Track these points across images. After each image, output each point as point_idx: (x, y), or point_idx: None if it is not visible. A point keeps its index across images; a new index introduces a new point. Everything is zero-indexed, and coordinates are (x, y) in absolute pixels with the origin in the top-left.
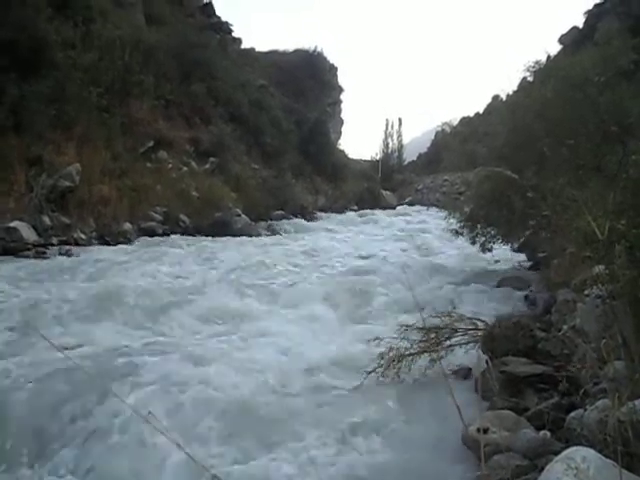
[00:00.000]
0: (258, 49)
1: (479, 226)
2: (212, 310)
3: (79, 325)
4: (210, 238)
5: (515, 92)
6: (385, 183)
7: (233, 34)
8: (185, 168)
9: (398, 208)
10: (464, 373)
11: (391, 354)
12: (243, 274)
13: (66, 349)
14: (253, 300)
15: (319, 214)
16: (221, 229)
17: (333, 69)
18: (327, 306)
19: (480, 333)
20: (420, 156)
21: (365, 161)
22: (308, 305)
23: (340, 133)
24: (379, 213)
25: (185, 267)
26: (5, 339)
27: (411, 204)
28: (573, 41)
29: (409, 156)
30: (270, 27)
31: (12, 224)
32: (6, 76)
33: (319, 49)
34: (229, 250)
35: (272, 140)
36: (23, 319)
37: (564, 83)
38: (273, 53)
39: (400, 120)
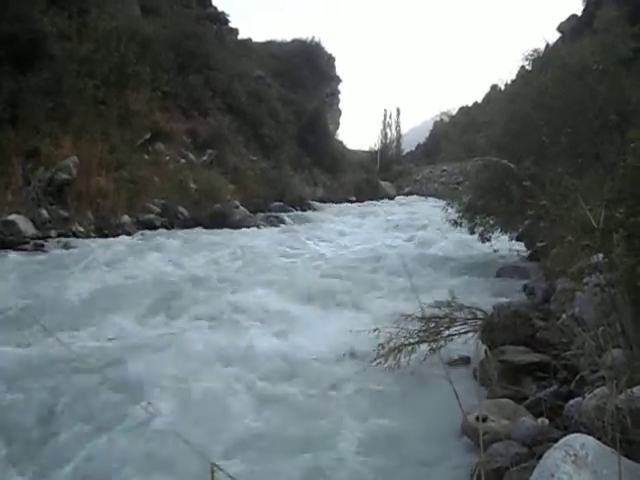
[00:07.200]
0: (255, 40)
1: (478, 216)
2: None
3: (80, 318)
4: (210, 230)
5: (514, 81)
6: (384, 174)
7: (230, 24)
8: (183, 160)
9: (397, 198)
10: (463, 362)
11: (391, 344)
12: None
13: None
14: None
15: (318, 205)
16: (220, 221)
17: (331, 59)
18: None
19: (479, 322)
20: (419, 146)
21: (363, 152)
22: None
23: (338, 124)
24: (377, 204)
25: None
26: (5, 332)
27: (410, 194)
28: (572, 29)
29: (408, 146)
30: (267, 17)
31: (10, 217)
32: (2, 69)
33: (317, 39)
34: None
35: (270, 131)
36: (22, 312)
37: (563, 71)
38: (270, 44)
39: (398, 110)
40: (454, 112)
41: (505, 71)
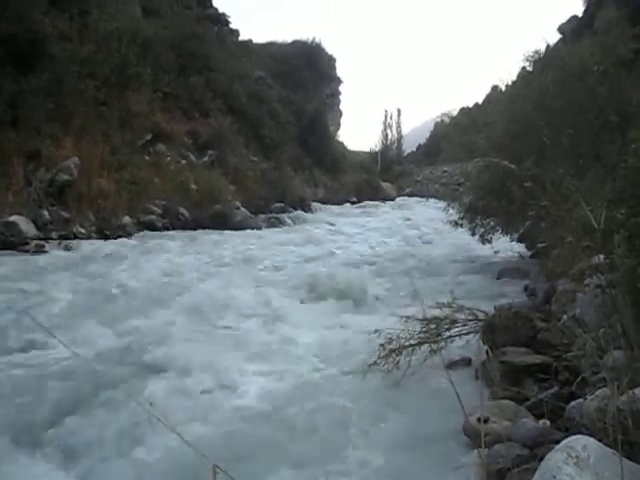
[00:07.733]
0: (256, 41)
1: (478, 217)
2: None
3: (79, 321)
4: (210, 231)
5: (514, 82)
6: (384, 174)
7: (230, 25)
8: (184, 161)
9: (397, 199)
10: (464, 363)
11: (392, 345)
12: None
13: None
14: None
15: (318, 206)
16: (221, 222)
17: (331, 60)
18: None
19: (480, 324)
20: (419, 147)
21: (364, 153)
22: None
23: (339, 125)
24: (378, 205)
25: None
26: (6, 333)
27: (411, 195)
28: (572, 30)
29: (409, 147)
30: (267, 18)
31: (11, 218)
32: (3, 70)
33: (317, 40)
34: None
35: (271, 132)
36: (25, 313)
37: (563, 72)
38: (271, 45)
39: (399, 111)
40: (455, 113)
41: (506, 72)
